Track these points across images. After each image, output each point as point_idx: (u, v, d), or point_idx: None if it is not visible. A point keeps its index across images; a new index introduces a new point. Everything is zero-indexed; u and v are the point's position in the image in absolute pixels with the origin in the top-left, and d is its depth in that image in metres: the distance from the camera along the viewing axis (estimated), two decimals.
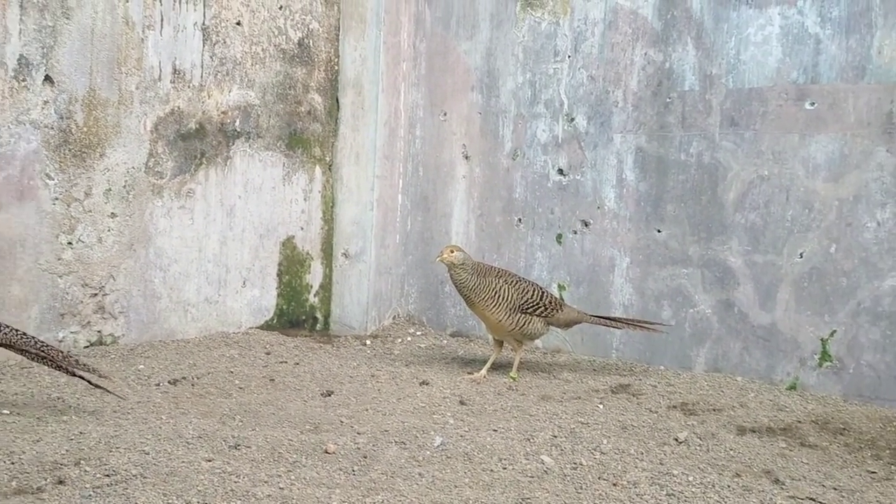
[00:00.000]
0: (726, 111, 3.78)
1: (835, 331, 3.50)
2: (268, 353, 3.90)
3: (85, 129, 3.56)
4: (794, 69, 3.62)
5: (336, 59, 4.66)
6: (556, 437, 2.76)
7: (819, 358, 3.54)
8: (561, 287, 4.23)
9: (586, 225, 4.17)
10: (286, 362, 3.75)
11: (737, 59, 3.74)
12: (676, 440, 2.81)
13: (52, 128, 3.45)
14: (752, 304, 3.71)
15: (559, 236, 4.25)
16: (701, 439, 2.82)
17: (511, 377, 3.59)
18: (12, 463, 2.24)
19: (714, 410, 3.21)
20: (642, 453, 2.65)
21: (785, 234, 3.64)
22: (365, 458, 2.48)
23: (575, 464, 2.53)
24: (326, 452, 2.49)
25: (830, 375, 3.50)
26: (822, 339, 3.53)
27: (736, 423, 3.04)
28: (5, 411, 2.73)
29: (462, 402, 3.19)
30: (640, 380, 3.65)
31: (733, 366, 3.75)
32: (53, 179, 3.47)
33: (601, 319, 3.75)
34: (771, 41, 3.67)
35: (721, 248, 3.79)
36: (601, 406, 3.21)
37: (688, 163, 3.88)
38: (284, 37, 4.38)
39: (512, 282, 3.58)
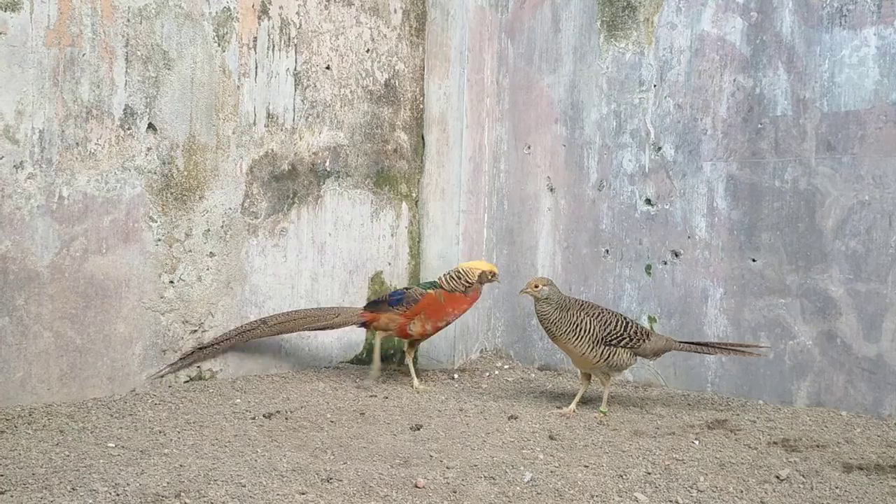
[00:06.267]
0: (822, 135, 3.65)
1: None
2: (358, 387, 3.95)
3: (185, 173, 3.73)
4: (893, 90, 3.48)
5: (421, 98, 4.75)
6: (649, 474, 2.69)
7: None
8: (651, 319, 4.14)
9: (677, 255, 4.08)
10: (375, 396, 3.80)
11: (831, 82, 3.63)
12: (778, 478, 2.69)
13: (155, 173, 3.63)
14: (855, 335, 3.54)
15: (648, 267, 4.18)
16: (804, 477, 2.69)
17: (601, 411, 3.53)
18: (118, 494, 2.34)
19: (818, 446, 3.07)
20: (742, 491, 2.55)
21: (889, 260, 3.47)
22: (454, 492, 2.48)
23: (671, 502, 2.46)
24: (416, 487, 2.50)
25: None
26: None
27: (842, 460, 2.89)
28: (111, 444, 2.85)
29: (551, 437, 3.15)
30: (738, 415, 3.53)
31: (837, 399, 3.58)
32: (156, 222, 3.65)
33: (692, 346, 3.63)
34: (867, 62, 3.55)
35: (821, 277, 3.64)
36: (697, 442, 3.11)
37: (783, 189, 3.76)
38: (371, 78, 4.50)
39: (594, 314, 3.51)
